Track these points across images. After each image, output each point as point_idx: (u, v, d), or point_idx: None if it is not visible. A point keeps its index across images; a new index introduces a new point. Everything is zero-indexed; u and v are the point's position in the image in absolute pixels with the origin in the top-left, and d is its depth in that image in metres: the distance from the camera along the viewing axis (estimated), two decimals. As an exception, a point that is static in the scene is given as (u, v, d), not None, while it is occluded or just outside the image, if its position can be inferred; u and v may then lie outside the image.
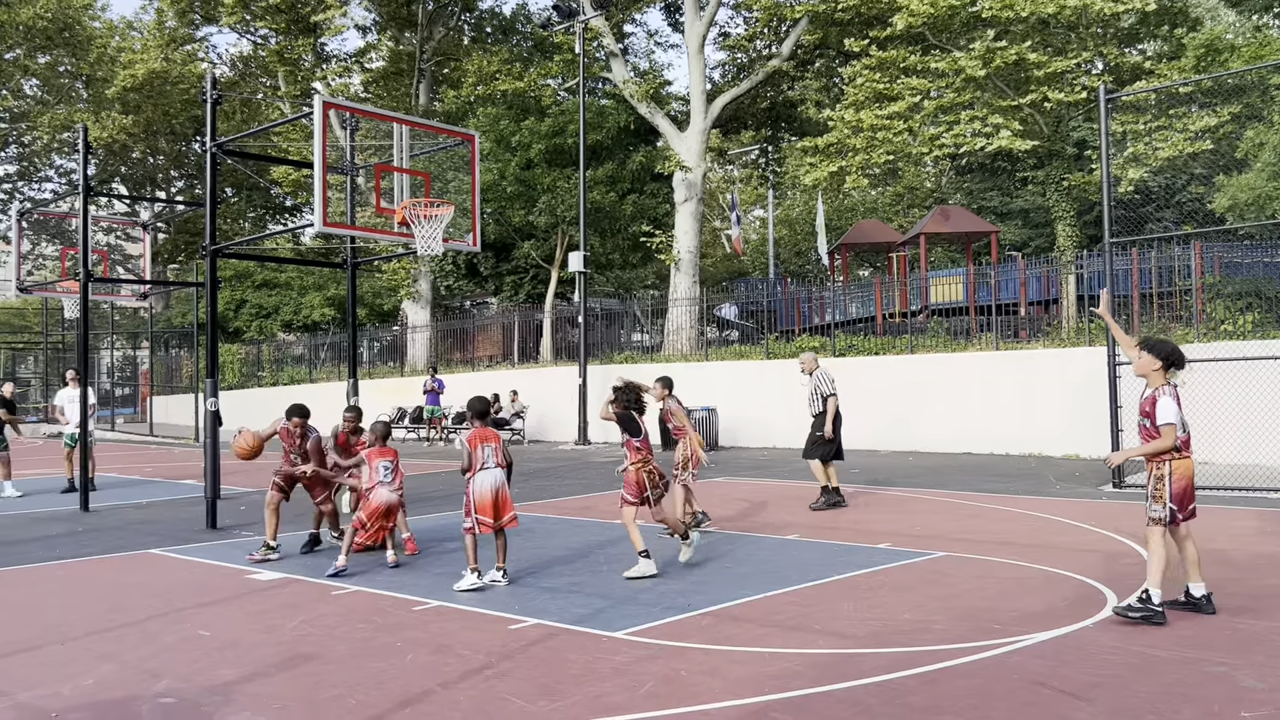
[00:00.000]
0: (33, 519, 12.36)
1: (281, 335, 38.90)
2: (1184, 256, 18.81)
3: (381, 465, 8.65)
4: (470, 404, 8.06)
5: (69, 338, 37.18)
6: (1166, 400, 6.25)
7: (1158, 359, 6.37)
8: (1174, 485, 6.29)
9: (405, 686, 5.22)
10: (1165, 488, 6.29)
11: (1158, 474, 6.33)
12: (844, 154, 23.06)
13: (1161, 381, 6.37)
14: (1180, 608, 6.33)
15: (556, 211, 28.17)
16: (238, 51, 42.33)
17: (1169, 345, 6.49)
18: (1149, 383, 6.43)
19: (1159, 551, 6.27)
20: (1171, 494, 6.28)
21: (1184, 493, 6.30)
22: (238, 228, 44.04)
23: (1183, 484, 6.30)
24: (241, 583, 8.11)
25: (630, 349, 27.50)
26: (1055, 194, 23.06)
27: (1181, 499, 6.29)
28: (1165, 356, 6.38)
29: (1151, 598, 6.18)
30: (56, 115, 37.47)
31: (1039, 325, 22.46)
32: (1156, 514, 6.31)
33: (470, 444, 7.66)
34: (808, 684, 5.12)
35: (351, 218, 13.19)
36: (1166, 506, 6.27)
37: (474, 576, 7.53)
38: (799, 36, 26.65)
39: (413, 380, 28.86)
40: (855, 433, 19.81)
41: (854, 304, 27.90)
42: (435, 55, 33.94)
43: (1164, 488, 6.29)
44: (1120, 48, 22.90)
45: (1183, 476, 6.30)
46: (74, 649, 6.13)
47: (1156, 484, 6.33)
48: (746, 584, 7.54)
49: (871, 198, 45.40)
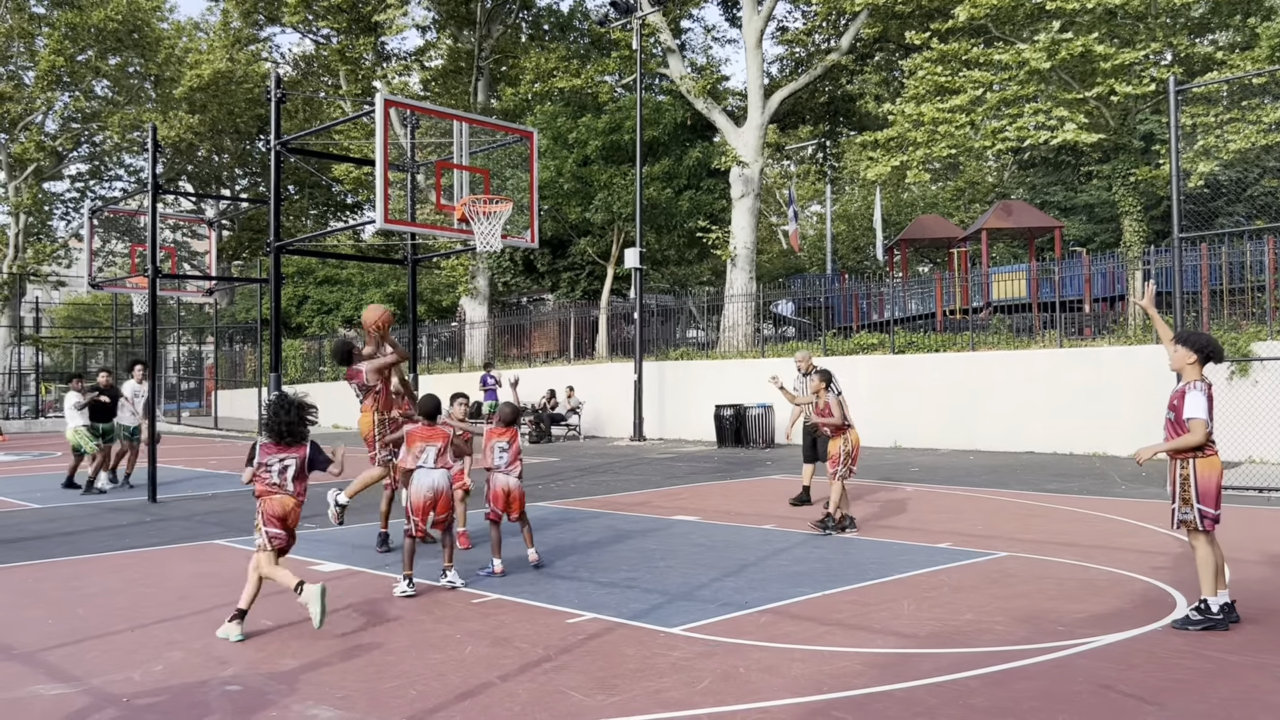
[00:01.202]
0: (102, 509, 12.70)
1: (342, 331, 39.50)
2: (1256, 252, 18.29)
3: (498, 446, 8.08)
4: (420, 402, 7.70)
5: (137, 332, 38.16)
6: (1196, 395, 6.02)
7: (1193, 351, 6.15)
8: (1200, 486, 6.03)
9: (465, 678, 5.26)
10: (1192, 488, 6.05)
11: (1182, 474, 6.09)
12: (905, 148, 22.77)
13: (1196, 376, 6.13)
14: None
15: (613, 208, 28.22)
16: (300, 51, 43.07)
17: (1204, 337, 6.27)
18: (1183, 376, 6.20)
19: (1206, 556, 6.05)
20: (1199, 494, 6.03)
21: (1210, 493, 6.03)
22: (300, 225, 44.82)
23: (1210, 484, 6.03)
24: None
25: (686, 345, 27.46)
26: (1121, 188, 22.55)
27: (1209, 499, 6.03)
28: (1201, 349, 6.15)
29: (1210, 606, 5.99)
30: (126, 115, 38.42)
31: (1104, 322, 22.00)
32: (1187, 516, 6.08)
33: (408, 441, 7.40)
34: (868, 683, 5.07)
35: (412, 214, 13.33)
36: (1195, 507, 6.03)
37: (405, 584, 7.22)
38: (858, 30, 26.37)
39: (471, 375, 29.12)
40: (914, 430, 19.67)
41: (913, 300, 27.55)
42: (493, 53, 34.18)
43: (1190, 488, 6.05)
44: (1190, 38, 22.31)
45: (1209, 476, 6.04)
46: (143, 636, 6.28)
47: (1183, 485, 6.09)
48: (804, 582, 7.49)
49: (932, 192, 44.82)
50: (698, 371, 23.93)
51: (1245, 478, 13.02)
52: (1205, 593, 6.03)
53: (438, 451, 7.35)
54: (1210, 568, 6.03)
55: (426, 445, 7.35)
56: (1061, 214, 36.24)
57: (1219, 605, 5.99)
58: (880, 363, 20.63)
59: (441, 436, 7.40)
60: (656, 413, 24.02)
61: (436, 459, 7.35)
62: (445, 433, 7.45)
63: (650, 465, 17.73)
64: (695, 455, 19.70)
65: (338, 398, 33.61)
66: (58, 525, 11.31)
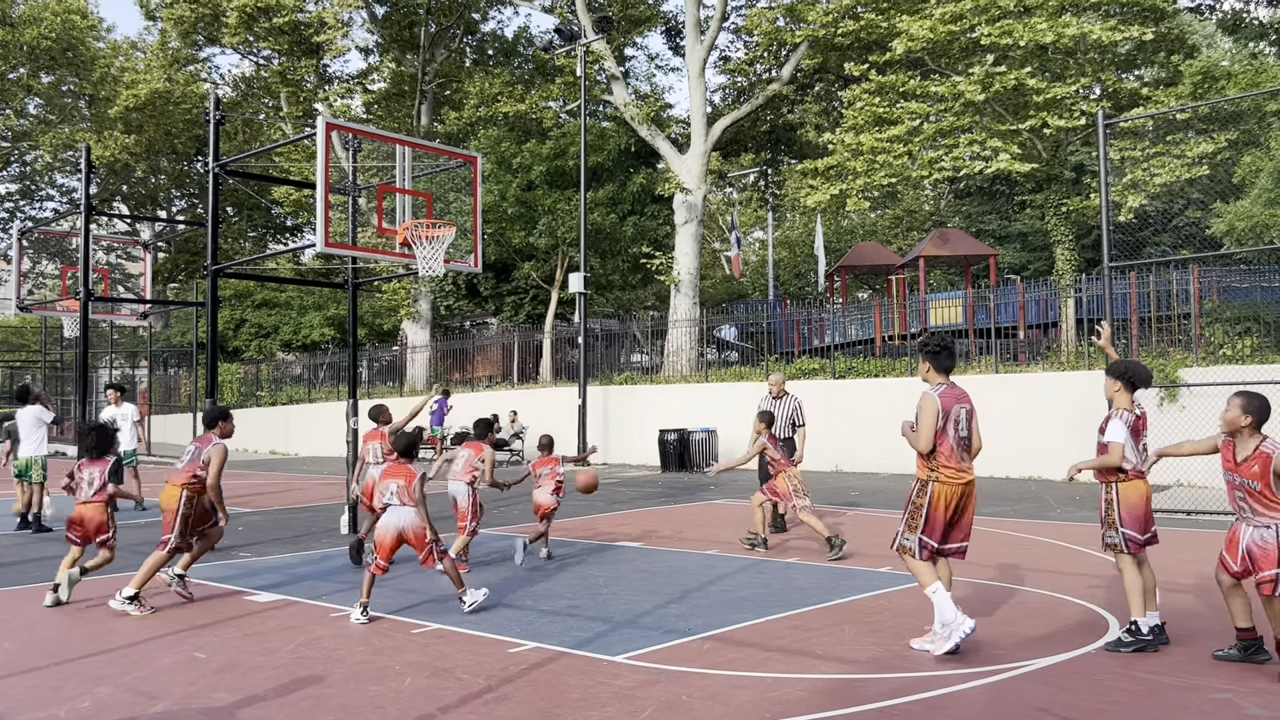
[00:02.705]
0: (29, 538, 12.31)
1: (281, 355, 38.91)
2: (1183, 281, 18.87)
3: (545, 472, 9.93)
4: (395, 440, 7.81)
5: (67, 356, 37.18)
6: (1116, 422, 6.22)
7: (1117, 379, 6.39)
8: (1123, 510, 6.18)
9: (403, 710, 5.18)
10: (1115, 512, 6.22)
11: (1106, 498, 6.27)
12: (844, 177, 23.16)
13: (1125, 404, 6.34)
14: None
15: (557, 233, 28.24)
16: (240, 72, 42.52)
17: (1126, 365, 6.46)
18: (1114, 404, 6.42)
19: (1133, 579, 6.19)
20: (1121, 518, 6.19)
21: (1136, 516, 6.19)
22: (239, 247, 44.14)
23: (1134, 508, 6.18)
24: (239, 604, 8.07)
25: (630, 370, 27.50)
26: (1054, 218, 23.14)
27: (1134, 523, 6.18)
28: (1122, 375, 6.38)
29: (1141, 627, 6.13)
30: (59, 134, 37.60)
31: (1038, 348, 22.49)
32: (1112, 540, 6.24)
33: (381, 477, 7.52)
34: (810, 710, 5.09)
35: (353, 238, 13.21)
36: (1119, 531, 6.19)
37: (359, 612, 7.21)
38: (799, 61, 26.81)
39: (412, 400, 28.81)
40: (855, 455, 19.86)
41: (853, 326, 27.92)
42: (437, 77, 34.11)
43: (1114, 512, 6.22)
44: (1118, 74, 23.05)
45: (1133, 500, 6.19)
46: (70, 670, 6.09)
47: (1107, 508, 6.26)
48: (747, 607, 7.51)
49: (871, 220, 45.55)
50: (642, 396, 23.97)
51: (1174, 500, 13.35)
52: (1135, 614, 6.16)
53: (398, 489, 7.26)
54: (1138, 590, 6.17)
55: (391, 480, 7.31)
56: (996, 242, 37.05)
57: (1149, 627, 6.12)
58: (821, 387, 20.84)
59: (407, 476, 7.31)
60: (601, 437, 23.99)
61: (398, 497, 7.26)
62: (411, 471, 7.38)
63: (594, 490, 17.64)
64: (639, 480, 19.70)
65: (275, 423, 33.08)
66: (-19, 556, 10.94)
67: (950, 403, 6.11)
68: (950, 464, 6.05)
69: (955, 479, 6.06)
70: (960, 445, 6.08)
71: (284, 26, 30.98)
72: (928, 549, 6.12)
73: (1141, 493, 6.24)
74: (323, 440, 29.75)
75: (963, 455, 6.10)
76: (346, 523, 12.31)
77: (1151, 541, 6.29)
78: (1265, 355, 16.07)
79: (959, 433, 6.08)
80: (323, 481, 20.86)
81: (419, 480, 7.28)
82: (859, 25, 23.57)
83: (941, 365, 6.23)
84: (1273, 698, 5.18)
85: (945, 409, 6.07)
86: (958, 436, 6.07)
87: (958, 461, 6.06)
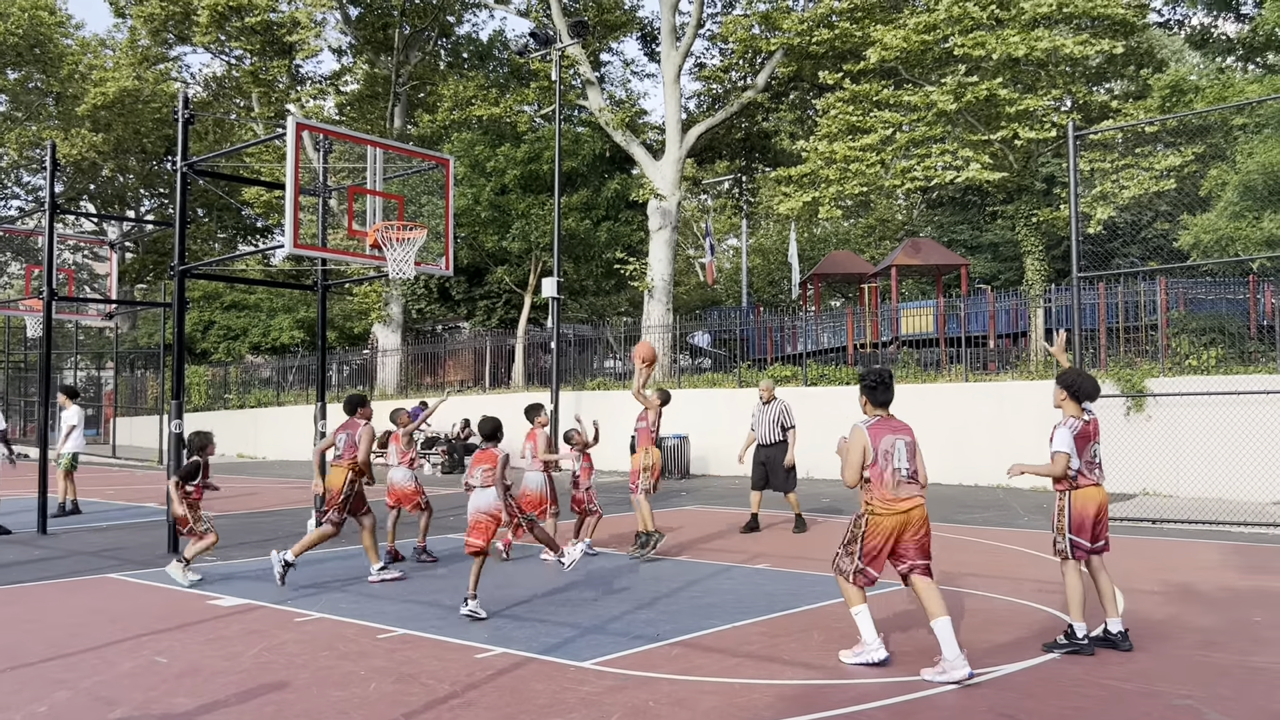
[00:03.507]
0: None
1: (249, 357, 38.53)
2: (1149, 292, 19.08)
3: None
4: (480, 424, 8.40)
5: (31, 357, 36.64)
6: (1062, 430, 6.35)
7: (1063, 389, 6.52)
8: (1072, 517, 6.31)
9: (368, 716, 5.12)
10: (1064, 519, 6.35)
11: (1059, 504, 6.41)
12: (817, 185, 23.26)
13: (1072, 412, 6.46)
14: (1099, 644, 6.32)
15: (530, 237, 28.17)
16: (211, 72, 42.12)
17: (1072, 375, 6.57)
18: (1063, 412, 6.54)
19: (1074, 584, 6.30)
20: (1070, 524, 6.31)
21: (1083, 524, 6.30)
22: (207, 248, 43.68)
23: (1082, 515, 6.30)
24: (203, 608, 7.97)
25: (603, 375, 27.46)
26: (1024, 229, 23.34)
27: (1081, 530, 6.30)
28: (1068, 386, 6.50)
29: (1075, 631, 6.24)
30: (25, 131, 37.07)
31: (1008, 357, 22.66)
32: (1060, 545, 6.38)
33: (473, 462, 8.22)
34: (777, 715, 5.08)
35: (323, 240, 13.11)
36: (1066, 538, 6.32)
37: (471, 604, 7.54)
38: (774, 69, 26.92)
39: (382, 404, 28.62)
40: (826, 462, 19.88)
41: (825, 334, 28.02)
42: (411, 79, 33.94)
43: (1063, 519, 6.35)
44: (1089, 86, 23.30)
45: (1081, 508, 6.31)
46: (28, 675, 5.98)
47: (1059, 515, 6.40)
48: (715, 614, 7.50)
49: (844, 229, 45.79)
50: (614, 401, 23.91)
51: (1140, 509, 13.48)
52: (1073, 619, 6.27)
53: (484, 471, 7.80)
54: (1078, 595, 6.28)
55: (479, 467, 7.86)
56: (968, 252, 37.34)
57: (1084, 633, 6.24)
58: (794, 394, 20.85)
59: (492, 458, 7.86)
60: (571, 443, 23.91)
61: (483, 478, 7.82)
62: (496, 455, 7.91)
63: (564, 496, 17.58)
64: (611, 485, 19.64)
65: (243, 425, 32.74)
66: (-62, 558, 10.75)
67: (881, 435, 6.00)
68: (883, 495, 5.90)
69: (888, 510, 5.88)
70: (896, 477, 5.91)
71: (256, 26, 30.71)
72: (866, 576, 6.00)
73: (1094, 500, 6.35)
74: (291, 443, 29.48)
75: (899, 486, 5.90)
76: (313, 527, 12.17)
77: (1100, 550, 6.39)
78: (1229, 366, 16.28)
79: (893, 464, 5.92)
80: (290, 485, 20.67)
81: (502, 463, 7.82)
82: (834, 34, 23.69)
83: (878, 400, 6.18)
84: (1234, 704, 5.23)
85: (874, 442, 5.97)
86: (892, 469, 5.91)
87: (892, 493, 5.89)
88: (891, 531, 5.91)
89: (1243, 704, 5.24)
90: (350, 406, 9.28)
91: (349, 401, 9.34)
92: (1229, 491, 13.51)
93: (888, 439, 5.99)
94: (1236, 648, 6.37)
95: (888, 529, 5.91)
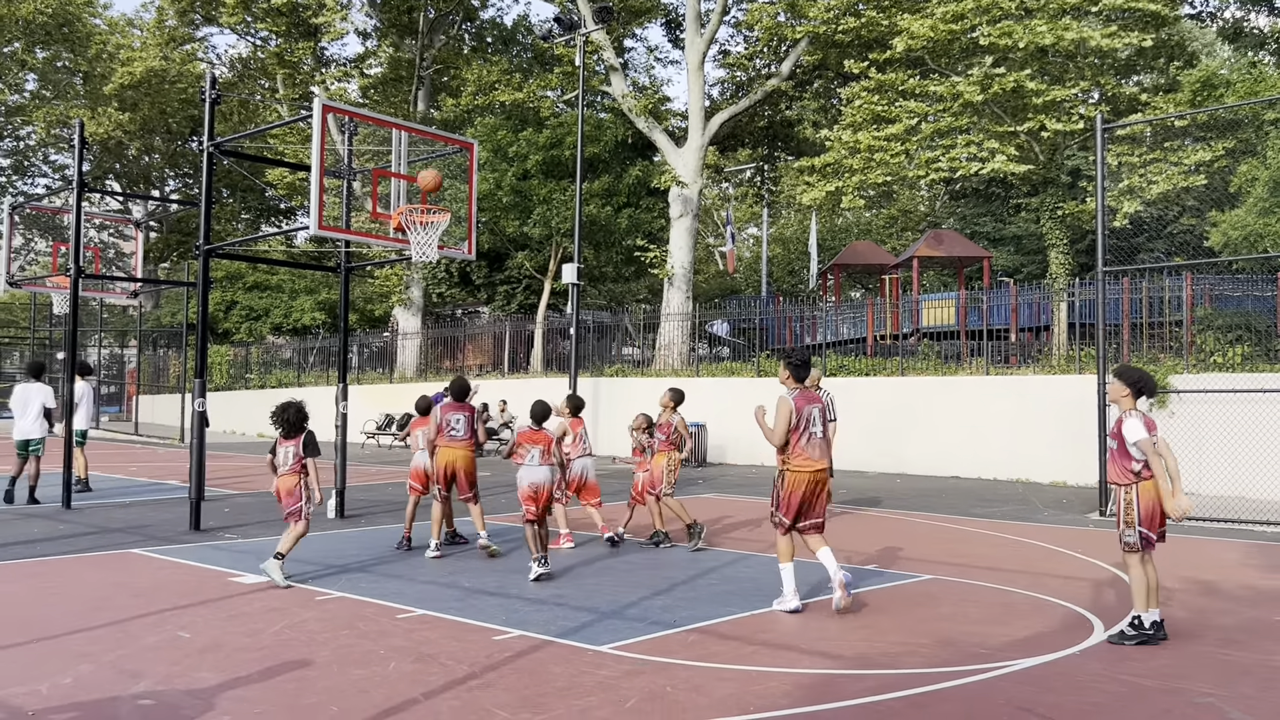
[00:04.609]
0: (13, 514, 12.25)
1: (271, 338, 38.76)
2: (1175, 288, 18.90)
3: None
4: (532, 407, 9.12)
5: (56, 333, 36.98)
6: (1132, 420, 6.39)
7: (1126, 385, 6.56)
8: (1141, 510, 6.40)
9: (388, 695, 5.16)
10: (1135, 511, 6.41)
11: (1126, 499, 6.44)
12: (840, 174, 23.13)
13: (1130, 407, 6.52)
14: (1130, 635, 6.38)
15: (551, 223, 28.16)
16: (237, 53, 42.31)
17: (1137, 372, 6.65)
18: (1120, 408, 6.57)
19: (1139, 576, 6.42)
20: (1140, 518, 6.39)
21: (1153, 516, 6.40)
22: (231, 229, 43.94)
23: (1151, 508, 6.40)
24: (225, 585, 8.04)
25: (621, 362, 27.48)
26: (1049, 221, 23.15)
27: (1151, 522, 6.40)
28: (1133, 383, 6.56)
29: (1143, 621, 6.34)
30: (53, 110, 37.34)
31: (1030, 351, 22.53)
32: (1130, 538, 6.44)
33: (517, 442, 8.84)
34: (794, 704, 5.09)
35: (347, 222, 13.14)
36: (1137, 530, 6.39)
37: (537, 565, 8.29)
38: (798, 57, 26.75)
39: (401, 387, 28.74)
40: (844, 454, 19.85)
41: (845, 325, 27.94)
42: (435, 63, 33.96)
43: (1134, 512, 6.41)
44: (1117, 79, 23.05)
45: (1149, 501, 6.39)
46: (52, 647, 6.06)
47: (1126, 509, 6.44)
48: (732, 601, 7.51)
49: (865, 219, 45.56)
50: (632, 388, 23.94)
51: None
52: (1138, 609, 6.37)
53: (541, 452, 8.53)
54: (1143, 586, 6.38)
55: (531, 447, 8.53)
56: (991, 244, 37.10)
57: (1151, 621, 6.33)
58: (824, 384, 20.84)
59: (545, 440, 8.60)
60: (590, 428, 23.78)
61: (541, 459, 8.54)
62: (549, 436, 8.68)
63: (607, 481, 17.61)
64: (627, 473, 19.65)
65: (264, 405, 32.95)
66: (-36, 531, 10.89)
67: (803, 405, 7.14)
68: (801, 456, 7.09)
69: (804, 468, 7.08)
70: (812, 440, 7.11)
71: (282, 7, 30.78)
72: (783, 526, 7.15)
73: (1155, 493, 6.41)
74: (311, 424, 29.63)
75: (812, 449, 7.10)
76: (333, 507, 12.27)
77: (1160, 540, 6.48)
78: (1255, 364, 16.12)
79: (810, 429, 7.12)
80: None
81: (555, 443, 8.69)
82: (860, 22, 23.51)
83: (799, 376, 7.29)
84: (1257, 703, 5.20)
85: (799, 410, 7.10)
86: (809, 433, 7.10)
87: (808, 454, 7.09)
88: (805, 487, 7.08)
89: (1265, 703, 5.21)
90: (463, 392, 9.77)
91: (464, 388, 9.79)
92: (1253, 490, 13.39)
93: (806, 408, 7.16)
94: (1259, 647, 6.33)
95: (802, 484, 7.08)
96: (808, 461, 7.07)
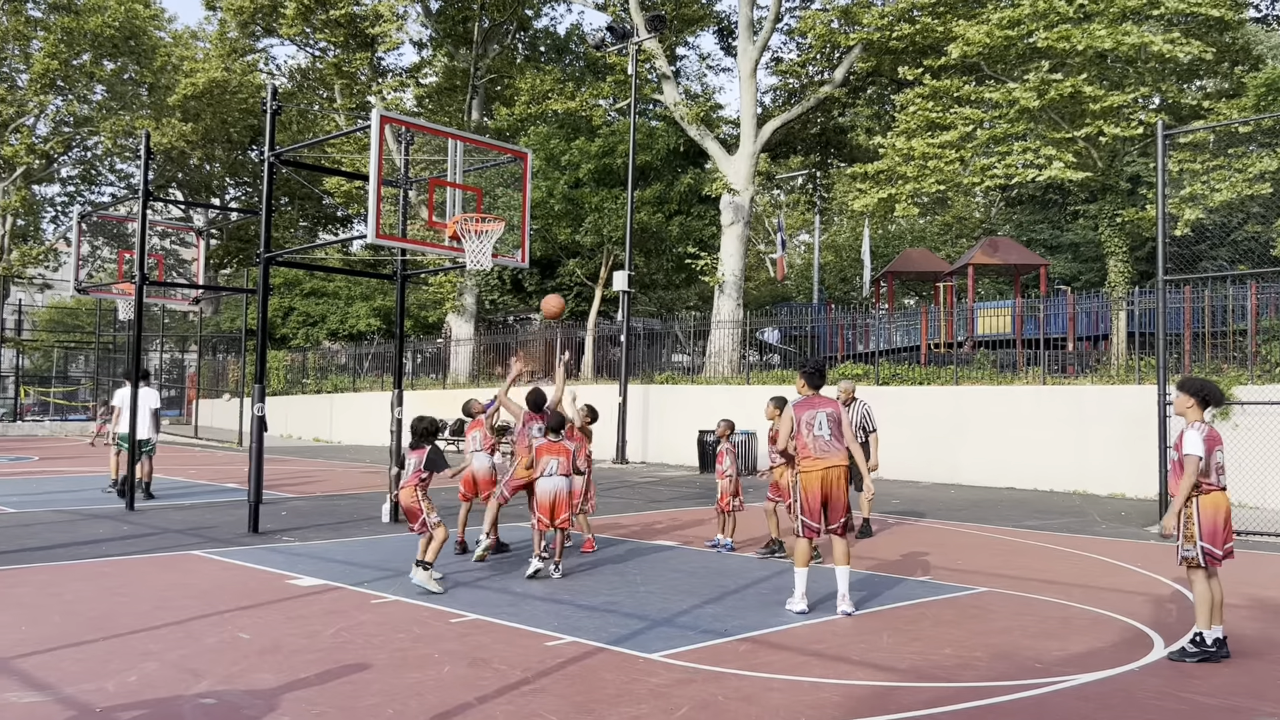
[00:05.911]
0: (79, 515, 12.59)
1: (327, 343, 39.36)
2: (1240, 297, 18.47)
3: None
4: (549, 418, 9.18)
5: (120, 338, 37.89)
6: (1192, 433, 6.26)
7: (1190, 396, 6.45)
8: (1203, 524, 6.22)
9: (442, 698, 5.23)
10: (1195, 525, 6.24)
11: (1186, 512, 6.28)
12: (894, 181, 22.94)
13: (1196, 418, 6.39)
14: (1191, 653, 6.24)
15: (603, 231, 28.29)
16: (296, 64, 43.15)
17: (1197, 383, 6.53)
18: (1186, 419, 6.45)
19: (1203, 591, 6.26)
20: (1201, 531, 6.22)
21: (1215, 531, 6.23)
22: (289, 236, 44.71)
23: (1213, 522, 6.22)
24: (282, 587, 8.19)
25: (671, 369, 27.49)
26: (1107, 229, 22.75)
27: (1214, 537, 6.22)
28: (1197, 393, 6.45)
29: (1205, 638, 6.19)
30: (119, 121, 38.31)
31: (1087, 361, 22.15)
32: (1189, 554, 6.28)
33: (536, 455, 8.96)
34: (846, 715, 5.07)
35: (403, 230, 13.32)
36: (1197, 545, 6.22)
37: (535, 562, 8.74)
38: (852, 64, 26.62)
39: (454, 393, 29.02)
40: (897, 463, 19.68)
41: (899, 333, 27.67)
42: (489, 73, 34.32)
43: (1194, 526, 6.25)
44: (1179, 84, 22.61)
45: (1211, 515, 6.22)
46: (118, 645, 6.22)
47: (1186, 522, 6.28)
48: (784, 611, 7.48)
49: (919, 226, 45.12)
50: (682, 396, 23.95)
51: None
52: (1200, 625, 6.22)
53: (559, 464, 8.71)
54: (1207, 602, 6.23)
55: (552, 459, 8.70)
56: (1047, 252, 36.53)
57: (1213, 639, 6.17)
58: (864, 394, 20.66)
59: (564, 451, 8.78)
60: (640, 436, 24.00)
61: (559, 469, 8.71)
62: (568, 449, 8.85)
63: (632, 489, 17.70)
64: (677, 480, 19.69)
65: (320, 410, 33.48)
66: (34, 531, 11.21)
67: (803, 410, 7.54)
68: (807, 456, 7.44)
69: (813, 467, 7.39)
70: (817, 442, 7.41)
71: (340, 19, 31.35)
72: (809, 530, 7.39)
73: (1220, 506, 6.28)
74: (365, 429, 30.07)
75: (818, 447, 7.40)
76: (388, 511, 12.44)
77: (1227, 556, 6.31)
78: (1323, 375, 15.70)
79: (815, 431, 7.44)
80: (365, 469, 21.10)
81: (572, 455, 8.84)
82: (914, 29, 23.33)
83: (812, 383, 7.67)
84: (1323, 724, 5.07)
85: (798, 415, 7.53)
86: (814, 435, 7.43)
87: (812, 453, 7.41)
88: (818, 485, 7.35)
89: (1332, 724, 5.08)
90: (541, 403, 9.73)
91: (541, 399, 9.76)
92: (1319, 505, 13.04)
93: (809, 412, 7.52)
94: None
95: (815, 482, 7.36)
96: (814, 460, 7.37)
